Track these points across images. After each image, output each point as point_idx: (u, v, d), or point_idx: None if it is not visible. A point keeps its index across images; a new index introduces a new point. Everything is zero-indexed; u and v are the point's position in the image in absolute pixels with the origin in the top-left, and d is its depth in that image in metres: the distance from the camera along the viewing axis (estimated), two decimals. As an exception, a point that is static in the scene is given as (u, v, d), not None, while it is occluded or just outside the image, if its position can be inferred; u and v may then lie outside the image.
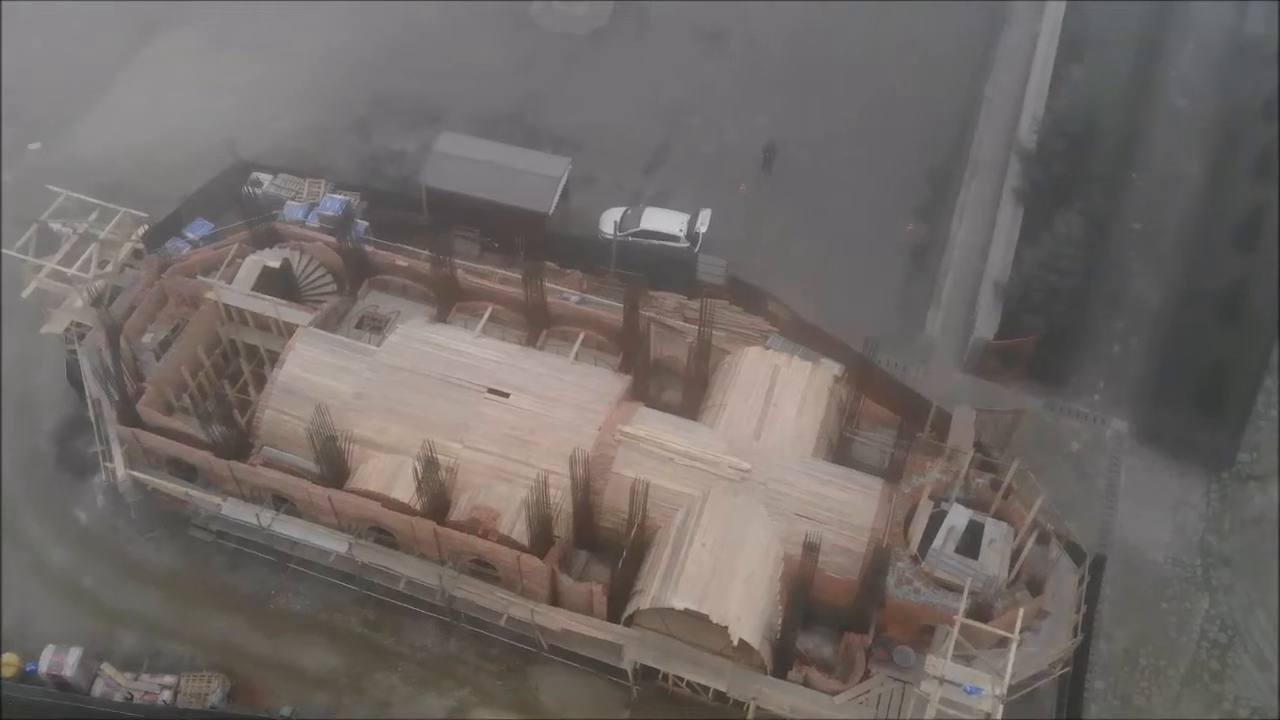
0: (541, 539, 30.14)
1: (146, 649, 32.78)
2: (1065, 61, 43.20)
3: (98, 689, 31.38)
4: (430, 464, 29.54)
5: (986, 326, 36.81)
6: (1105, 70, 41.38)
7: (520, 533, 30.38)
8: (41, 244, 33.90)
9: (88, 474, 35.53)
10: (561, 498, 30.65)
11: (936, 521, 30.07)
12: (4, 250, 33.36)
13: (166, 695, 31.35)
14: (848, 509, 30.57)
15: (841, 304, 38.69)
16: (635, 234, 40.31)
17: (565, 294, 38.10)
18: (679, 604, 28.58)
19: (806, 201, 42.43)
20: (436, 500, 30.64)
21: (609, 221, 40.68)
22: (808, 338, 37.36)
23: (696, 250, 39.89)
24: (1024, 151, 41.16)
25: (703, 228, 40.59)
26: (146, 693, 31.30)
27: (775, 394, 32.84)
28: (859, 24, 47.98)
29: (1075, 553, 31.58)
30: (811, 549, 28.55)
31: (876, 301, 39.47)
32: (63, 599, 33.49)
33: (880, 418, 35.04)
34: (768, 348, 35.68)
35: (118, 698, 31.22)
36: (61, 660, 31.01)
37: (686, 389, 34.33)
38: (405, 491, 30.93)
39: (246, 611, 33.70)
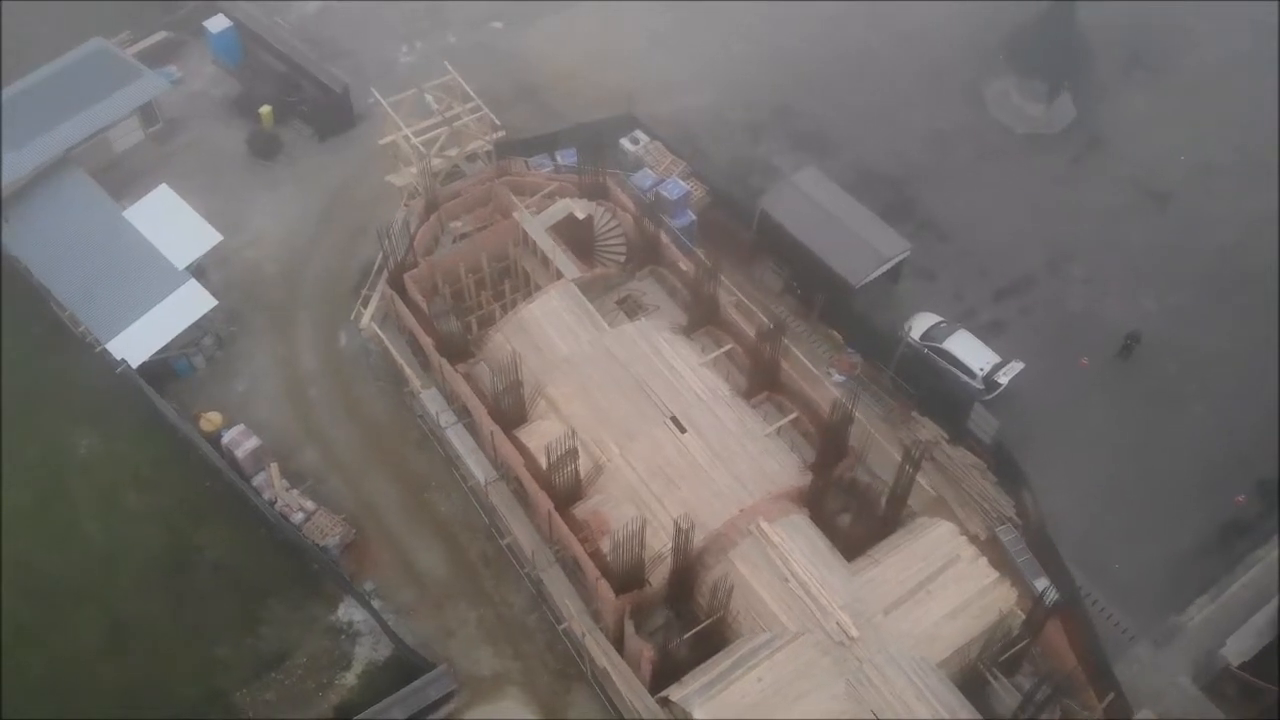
0: (627, 577, 29.35)
1: (314, 472, 36.10)
2: None
3: (256, 480, 35.25)
4: (574, 451, 29.80)
5: (1238, 648, 29.89)
6: None
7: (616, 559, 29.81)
8: (416, 107, 37.91)
9: (363, 307, 39.53)
10: (670, 551, 29.58)
11: (1016, 811, 25.45)
12: (380, 98, 37.68)
13: (299, 517, 34.46)
14: (929, 739, 26.66)
15: (1108, 538, 33.60)
16: (933, 349, 37.10)
17: (830, 372, 36.80)
18: (698, 715, 26.75)
19: (1143, 411, 36.64)
20: (568, 487, 30.85)
21: (915, 323, 37.78)
22: (1042, 552, 32.86)
23: (986, 398, 35.91)
24: None
25: (1005, 379, 36.35)
26: (286, 505, 34.80)
27: (936, 582, 29.02)
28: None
29: None
30: (848, 751, 25.37)
31: (1151, 556, 33.54)
32: (284, 395, 37.63)
33: (1055, 665, 30.02)
34: (994, 537, 31.92)
35: (266, 496, 34.97)
36: (241, 440, 35.09)
37: (859, 521, 31.35)
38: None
39: (404, 488, 36.03)
